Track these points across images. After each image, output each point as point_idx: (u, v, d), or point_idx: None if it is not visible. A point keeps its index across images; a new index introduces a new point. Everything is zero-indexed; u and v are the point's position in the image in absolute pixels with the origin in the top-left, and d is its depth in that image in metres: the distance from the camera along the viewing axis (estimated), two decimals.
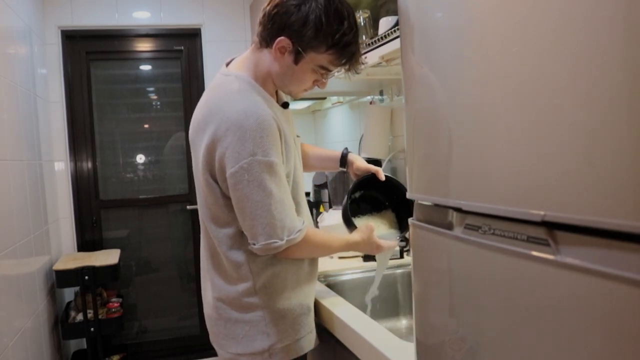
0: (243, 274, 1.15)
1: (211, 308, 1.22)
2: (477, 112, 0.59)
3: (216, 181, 1.12)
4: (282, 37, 1.09)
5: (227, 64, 1.22)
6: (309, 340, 1.21)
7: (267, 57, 1.14)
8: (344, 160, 1.42)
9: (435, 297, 0.70)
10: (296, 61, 1.11)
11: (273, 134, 1.07)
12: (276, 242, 1.08)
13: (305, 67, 1.13)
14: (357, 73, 1.20)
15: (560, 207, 0.47)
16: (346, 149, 1.44)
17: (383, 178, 1.36)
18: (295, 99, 1.27)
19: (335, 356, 1.26)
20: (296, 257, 1.19)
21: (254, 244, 1.09)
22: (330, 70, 1.16)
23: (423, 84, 0.71)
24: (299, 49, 1.09)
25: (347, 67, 1.16)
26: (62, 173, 2.95)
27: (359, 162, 1.40)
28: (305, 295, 1.23)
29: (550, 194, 0.48)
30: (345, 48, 1.11)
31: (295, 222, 1.11)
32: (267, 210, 1.06)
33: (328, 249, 1.24)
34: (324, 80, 1.19)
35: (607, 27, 0.41)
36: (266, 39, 1.13)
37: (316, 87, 1.21)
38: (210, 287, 1.23)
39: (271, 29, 1.11)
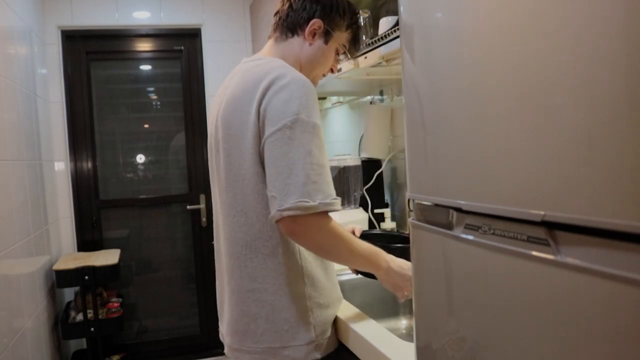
0: (292, 261, 1.10)
1: (248, 304, 1.12)
2: (477, 112, 0.59)
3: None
4: (315, 19, 1.19)
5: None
6: (335, 336, 1.20)
7: (296, 44, 1.22)
8: None
9: (435, 297, 0.70)
10: (326, 41, 1.22)
11: (316, 100, 1.08)
12: (307, 202, 0.99)
13: (332, 47, 1.23)
14: (356, 57, 1.35)
15: (560, 207, 0.47)
16: None
17: (358, 235, 1.39)
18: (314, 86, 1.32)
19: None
20: (314, 241, 1.06)
21: (281, 206, 1.00)
22: (346, 51, 1.27)
23: (423, 84, 0.71)
24: (328, 28, 1.21)
25: (355, 47, 1.29)
26: (62, 173, 2.95)
27: None
28: (339, 289, 1.24)
29: (550, 194, 0.48)
30: (358, 28, 1.28)
31: (332, 189, 1.04)
32: (304, 169, 1.00)
33: (352, 248, 1.11)
34: (337, 63, 1.30)
35: (608, 27, 0.41)
36: (294, 27, 1.21)
37: (329, 75, 1.32)
38: (247, 283, 1.13)
39: (302, 13, 1.20)
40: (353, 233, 1.38)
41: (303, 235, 1.04)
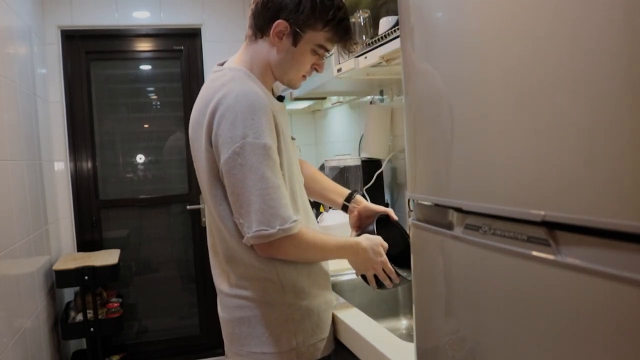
0: (269, 272, 1.11)
1: (232, 310, 1.15)
2: (477, 112, 0.59)
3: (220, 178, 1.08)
4: (279, 21, 1.09)
5: (221, 65, 1.20)
6: (330, 340, 1.19)
7: (264, 47, 1.14)
8: (350, 197, 1.38)
9: (436, 297, 0.70)
10: (295, 43, 1.11)
11: (266, 116, 1.03)
12: (267, 230, 1.01)
13: (304, 49, 1.13)
14: (351, 52, 1.21)
15: (560, 207, 0.47)
16: (355, 190, 1.42)
17: (396, 218, 1.35)
18: (295, 88, 1.23)
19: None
20: (289, 257, 1.10)
21: (247, 234, 1.03)
22: (329, 50, 1.16)
23: (423, 84, 0.71)
24: (297, 29, 1.10)
25: (343, 44, 1.17)
26: (62, 173, 2.95)
27: (367, 202, 1.37)
28: (329, 293, 1.22)
29: (550, 194, 0.48)
30: (340, 23, 1.12)
31: (290, 211, 1.04)
32: (260, 196, 1.01)
33: (324, 249, 1.14)
34: (322, 61, 1.19)
35: (608, 27, 0.41)
36: (261, 27, 1.13)
37: (315, 73, 1.21)
38: (230, 289, 1.16)
39: (266, 15, 1.11)
40: (388, 216, 1.36)
41: (277, 254, 1.08)
